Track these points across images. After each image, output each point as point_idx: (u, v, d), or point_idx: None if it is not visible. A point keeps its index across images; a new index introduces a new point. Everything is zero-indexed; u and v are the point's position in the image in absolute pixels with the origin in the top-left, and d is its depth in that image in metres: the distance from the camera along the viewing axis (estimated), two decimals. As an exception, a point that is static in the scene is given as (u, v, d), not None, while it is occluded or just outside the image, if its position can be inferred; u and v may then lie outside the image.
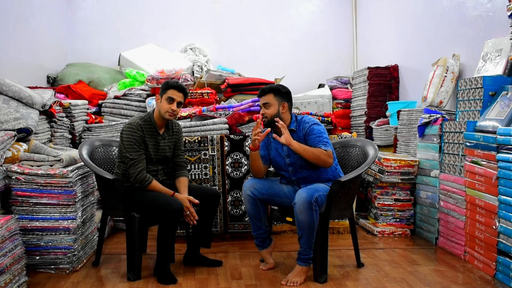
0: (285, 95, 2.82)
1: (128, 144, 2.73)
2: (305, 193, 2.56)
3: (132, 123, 2.77)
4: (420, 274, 2.81)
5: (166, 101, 2.79)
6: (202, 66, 5.42)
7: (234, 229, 3.60)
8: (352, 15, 6.05)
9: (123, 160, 2.78)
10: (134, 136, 2.74)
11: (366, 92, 4.82)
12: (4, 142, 2.84)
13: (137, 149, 2.74)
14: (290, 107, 2.84)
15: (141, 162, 2.74)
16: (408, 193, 3.69)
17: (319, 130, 2.74)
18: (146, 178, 2.72)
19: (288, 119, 2.82)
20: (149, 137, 2.81)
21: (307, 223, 2.54)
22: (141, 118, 2.82)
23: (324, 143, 2.69)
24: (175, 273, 2.77)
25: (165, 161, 2.94)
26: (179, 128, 3.03)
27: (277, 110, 2.77)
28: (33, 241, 2.78)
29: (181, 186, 2.87)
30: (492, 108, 2.89)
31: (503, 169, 2.61)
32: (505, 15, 2.95)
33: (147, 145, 2.80)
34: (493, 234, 2.70)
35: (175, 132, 2.98)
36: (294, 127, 2.81)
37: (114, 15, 5.74)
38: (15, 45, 4.20)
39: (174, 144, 2.97)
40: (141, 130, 2.77)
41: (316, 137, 2.71)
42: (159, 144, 2.86)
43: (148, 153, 2.81)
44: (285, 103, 2.80)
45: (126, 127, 2.77)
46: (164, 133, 2.90)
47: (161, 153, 2.88)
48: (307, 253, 2.63)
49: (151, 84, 4.72)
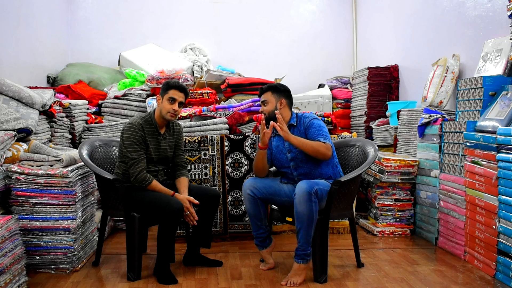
0: (283, 92, 2.87)
1: (128, 143, 2.73)
2: (305, 184, 2.57)
3: (133, 123, 2.77)
4: (420, 274, 2.81)
5: (167, 101, 2.79)
6: (202, 66, 5.43)
7: (234, 229, 3.60)
8: (352, 15, 6.05)
9: (124, 160, 2.78)
10: (135, 136, 2.74)
11: (366, 92, 4.82)
12: (4, 142, 2.84)
13: (138, 149, 2.74)
14: (289, 104, 2.89)
15: (142, 162, 2.74)
16: (408, 193, 3.69)
17: (318, 124, 2.80)
18: (146, 178, 2.72)
19: (287, 116, 2.87)
20: (150, 137, 2.81)
21: (306, 215, 2.53)
22: (142, 118, 2.82)
23: (323, 136, 2.74)
24: (175, 273, 2.77)
25: (166, 161, 2.94)
26: (179, 128, 3.03)
27: (274, 106, 2.84)
28: (33, 241, 2.78)
29: (181, 186, 2.87)
30: (492, 108, 2.89)
31: (503, 169, 2.61)
32: (505, 15, 2.96)
33: (148, 145, 2.80)
34: (493, 234, 2.70)
35: (176, 132, 2.98)
36: (294, 122, 2.85)
37: (114, 15, 5.74)
38: (15, 45, 4.20)
39: (175, 144, 2.97)
40: (142, 130, 2.77)
41: (315, 130, 2.77)
42: (160, 144, 2.86)
43: (149, 153, 2.81)
44: (283, 99, 2.85)
45: (127, 126, 2.76)
46: (165, 133, 2.90)
47: (162, 153, 2.88)
48: (304, 248, 2.60)
49: (151, 84, 4.72)
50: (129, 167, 2.74)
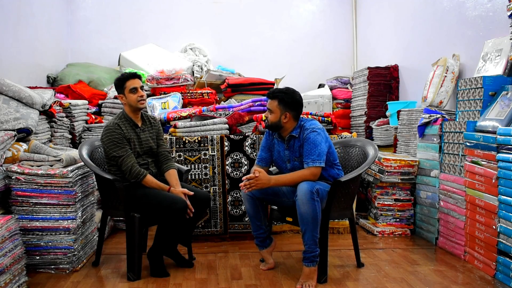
0: (290, 105, 2.73)
1: (110, 144, 2.76)
2: (306, 184, 2.56)
3: (108, 125, 2.81)
4: (420, 274, 2.81)
5: (131, 93, 2.82)
6: (202, 66, 5.43)
7: (234, 229, 3.60)
8: (352, 15, 6.05)
9: (112, 163, 2.81)
10: (114, 135, 2.76)
11: (366, 92, 4.82)
12: (4, 142, 2.84)
13: (122, 146, 2.76)
14: (295, 116, 2.77)
15: (130, 157, 2.77)
16: (408, 193, 3.69)
17: (314, 140, 2.66)
18: (140, 172, 2.75)
19: (290, 127, 2.77)
20: (128, 132, 2.83)
21: (310, 215, 2.51)
22: (116, 117, 2.87)
23: (313, 159, 2.63)
24: (176, 273, 2.78)
25: (151, 152, 2.96)
26: (155, 120, 3.07)
27: (278, 118, 2.73)
28: (33, 241, 2.78)
29: (173, 180, 2.88)
30: (492, 108, 2.89)
31: (503, 169, 2.61)
32: (505, 15, 2.95)
33: (129, 140, 2.82)
34: (493, 234, 2.70)
35: (152, 124, 3.01)
36: (296, 134, 2.76)
37: (114, 15, 5.74)
38: (15, 45, 4.20)
39: (156, 135, 3.00)
40: (119, 128, 2.80)
41: (308, 150, 2.66)
42: (140, 137, 2.89)
43: (133, 148, 2.83)
44: (288, 113, 2.73)
45: (104, 130, 2.81)
46: (143, 125, 2.94)
47: (145, 144, 2.90)
48: (312, 249, 2.57)
49: (151, 84, 4.73)
50: (120, 165, 2.76)
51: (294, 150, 2.77)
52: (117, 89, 2.90)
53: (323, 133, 2.72)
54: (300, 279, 2.64)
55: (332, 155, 2.78)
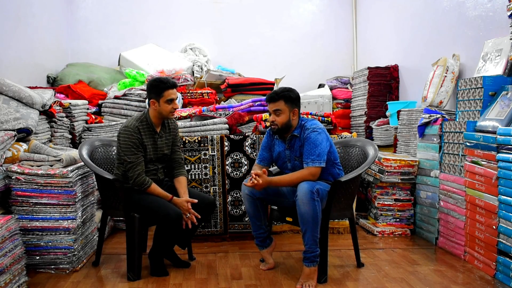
0: (295, 100, 2.76)
1: (125, 147, 2.72)
2: (306, 184, 2.56)
3: (128, 126, 2.75)
4: (420, 274, 2.81)
5: (166, 103, 2.77)
6: (202, 66, 5.42)
7: (234, 229, 3.60)
8: (352, 15, 6.05)
9: (122, 162, 2.78)
10: (131, 139, 2.72)
11: (366, 92, 4.82)
12: (4, 142, 2.84)
13: (135, 152, 2.73)
14: (299, 112, 2.81)
15: (140, 165, 2.73)
16: (408, 193, 3.69)
17: (314, 140, 2.66)
18: (145, 182, 2.72)
19: (295, 125, 2.79)
20: (147, 138, 2.80)
21: (311, 215, 2.51)
22: (138, 119, 2.80)
23: (312, 160, 2.64)
24: (176, 273, 2.78)
25: (164, 159, 2.93)
26: (175, 124, 3.02)
27: (288, 117, 2.74)
28: (33, 241, 2.78)
29: (181, 188, 2.86)
30: (492, 108, 2.89)
31: (503, 169, 2.61)
32: (505, 15, 2.95)
33: (145, 147, 2.79)
34: (493, 234, 2.70)
35: (171, 129, 2.97)
36: (298, 133, 2.77)
37: (114, 15, 5.74)
38: (15, 45, 4.20)
39: (172, 141, 2.97)
40: (138, 133, 2.75)
41: (308, 149, 2.67)
42: (157, 143, 2.86)
43: (147, 154, 2.80)
44: (296, 109, 2.76)
45: (123, 130, 2.75)
46: (161, 131, 2.90)
47: (160, 151, 2.88)
48: (313, 249, 2.57)
49: (151, 84, 4.72)
50: (128, 170, 2.73)
51: (294, 149, 2.77)
52: (151, 93, 2.80)
53: (324, 133, 2.72)
54: (300, 279, 2.64)
55: (333, 155, 2.78)
